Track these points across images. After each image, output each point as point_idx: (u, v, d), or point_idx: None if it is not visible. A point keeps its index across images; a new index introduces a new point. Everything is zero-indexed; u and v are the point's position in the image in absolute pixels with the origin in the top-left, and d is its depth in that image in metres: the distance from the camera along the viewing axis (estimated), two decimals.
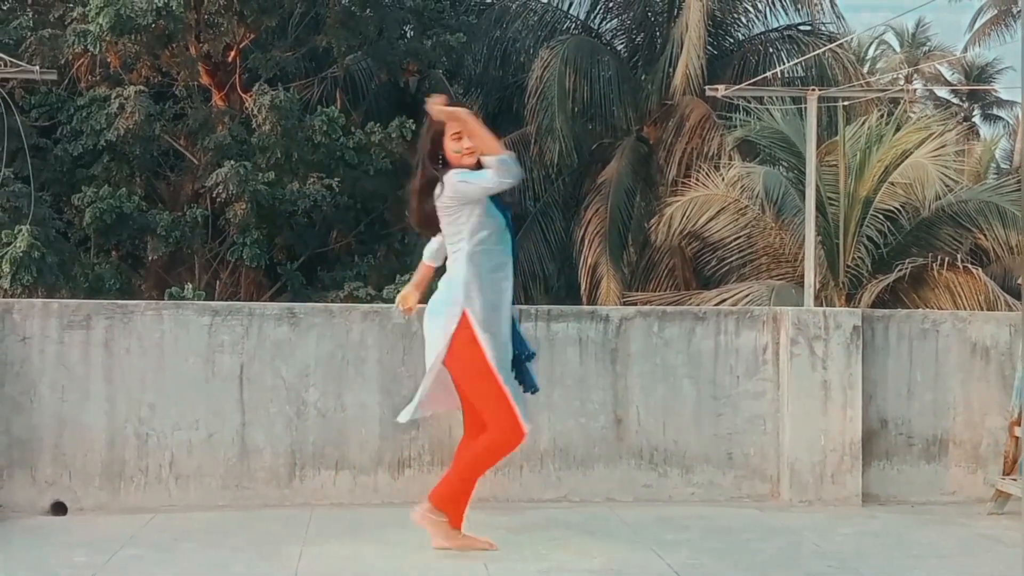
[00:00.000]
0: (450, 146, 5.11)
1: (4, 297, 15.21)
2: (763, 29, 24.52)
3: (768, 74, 21.20)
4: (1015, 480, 6.45)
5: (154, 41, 19.04)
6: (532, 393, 5.18)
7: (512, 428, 5.04)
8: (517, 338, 5.17)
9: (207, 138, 19.59)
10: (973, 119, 46.04)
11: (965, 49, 46.64)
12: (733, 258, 19.48)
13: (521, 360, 5.13)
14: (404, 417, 5.28)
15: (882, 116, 19.74)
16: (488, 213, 5.09)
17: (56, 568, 4.99)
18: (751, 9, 24.75)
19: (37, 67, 17.43)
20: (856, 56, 32.76)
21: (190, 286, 18.08)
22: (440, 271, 5.36)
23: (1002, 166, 38.69)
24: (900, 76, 40.22)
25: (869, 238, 18.18)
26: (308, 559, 5.14)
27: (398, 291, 20.32)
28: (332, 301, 17.40)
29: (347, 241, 21.73)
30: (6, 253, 16.68)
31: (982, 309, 16.43)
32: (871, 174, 18.28)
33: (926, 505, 6.65)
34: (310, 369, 6.29)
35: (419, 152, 5.22)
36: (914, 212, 18.60)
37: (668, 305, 17.32)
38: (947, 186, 18.27)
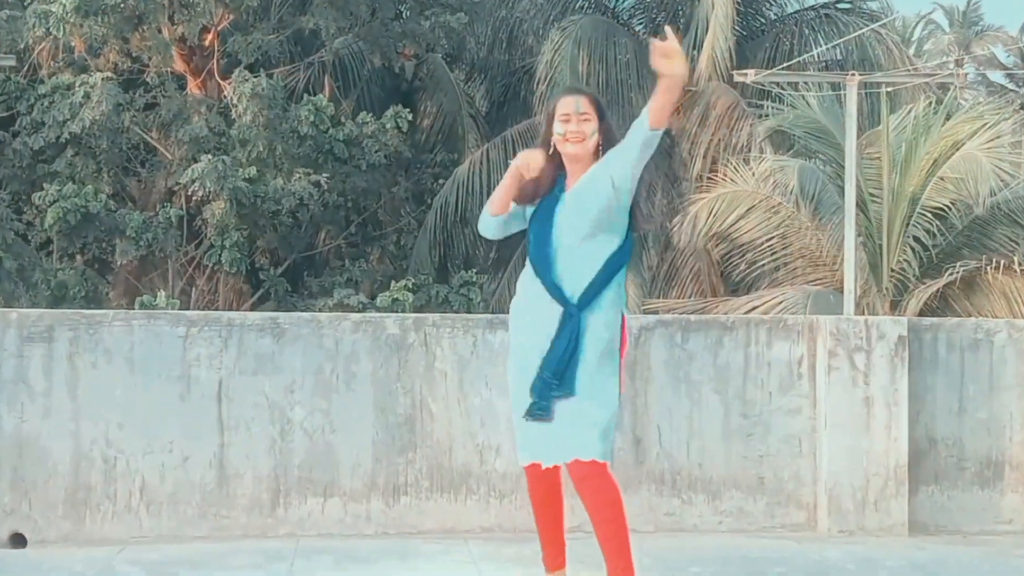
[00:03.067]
0: (556, 129, 4.94)
1: None
2: (798, 8, 24.55)
3: (803, 57, 21.23)
4: None
5: (123, 23, 19.12)
6: (531, 418, 4.86)
7: None
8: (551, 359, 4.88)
9: (182, 130, 19.66)
10: None
11: (1022, 30, 46.63)
12: (765, 261, 19.48)
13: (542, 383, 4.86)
14: None
15: (930, 104, 19.73)
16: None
17: None
18: None
19: None
20: (901, 37, 32.80)
21: (163, 294, 18.13)
22: None
23: None
24: (950, 59, 40.20)
25: (916, 239, 18.17)
26: None
27: (393, 298, 20.34)
28: (320, 310, 17.44)
29: (337, 243, 21.79)
30: None
31: None
32: (918, 168, 18.28)
33: (980, 535, 6.64)
34: (296, 385, 6.30)
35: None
36: (966, 210, 18.59)
37: (692, 314, 17.32)
38: (1003, 181, 18.26)
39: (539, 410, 4.83)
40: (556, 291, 4.85)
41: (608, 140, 4.96)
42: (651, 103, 4.78)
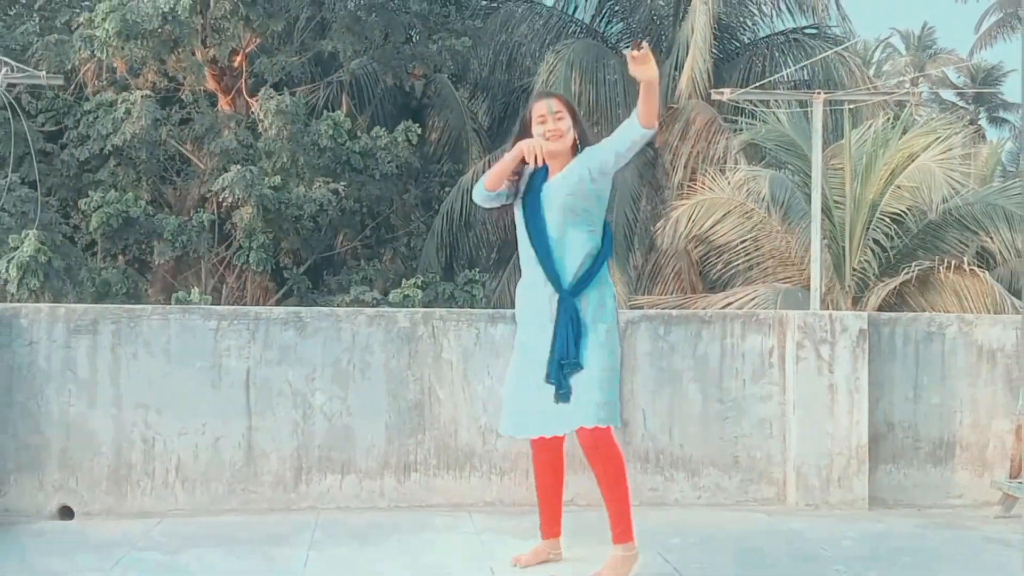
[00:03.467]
0: (535, 131, 4.95)
1: (11, 302, 15.24)
2: (769, 32, 24.52)
3: (774, 77, 21.23)
4: (1022, 483, 6.44)
5: (160, 46, 19.09)
6: (560, 401, 4.81)
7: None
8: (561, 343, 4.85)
9: (213, 143, 19.64)
10: (979, 122, 45.99)
11: (971, 52, 46.62)
12: (739, 261, 19.47)
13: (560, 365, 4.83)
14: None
15: (888, 119, 19.72)
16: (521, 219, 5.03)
17: (63, 572, 5.00)
18: (757, 12, 24.77)
19: (43, 72, 17.49)
20: (862, 59, 32.76)
21: (196, 290, 18.11)
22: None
23: (1008, 169, 38.64)
24: (906, 79, 40.18)
25: (875, 241, 18.16)
26: (314, 563, 5.14)
27: (404, 295, 20.30)
28: (338, 305, 17.44)
29: (353, 245, 21.77)
30: (13, 258, 16.72)
31: (988, 312, 16.40)
32: (877, 177, 18.26)
33: (933, 508, 6.64)
34: (316, 373, 6.30)
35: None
36: (920, 215, 18.58)
37: (674, 308, 17.30)
38: (954, 189, 18.24)
39: (563, 394, 4.81)
40: (555, 278, 4.86)
41: (583, 137, 5.01)
42: (639, 107, 4.78)
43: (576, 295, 4.84)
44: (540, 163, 4.85)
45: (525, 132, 5.00)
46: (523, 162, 4.94)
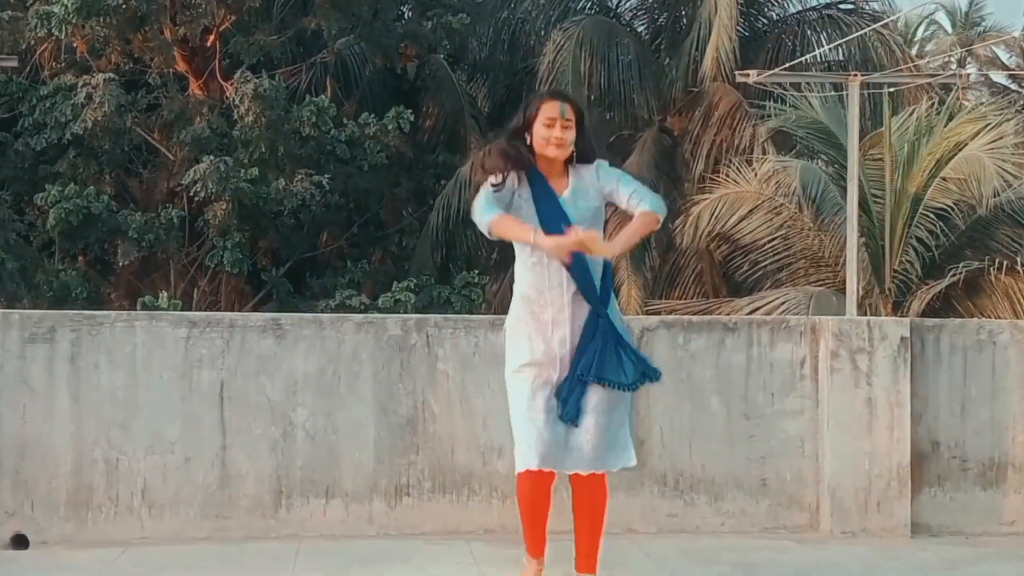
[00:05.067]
0: (539, 131, 5.04)
1: None
2: (800, 8, 24.54)
3: (806, 58, 21.23)
4: None
5: (125, 24, 19.12)
6: (566, 421, 4.95)
7: (517, 462, 5.05)
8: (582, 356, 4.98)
9: (184, 131, 19.66)
10: None
11: None
12: (767, 262, 19.49)
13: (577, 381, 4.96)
14: None
15: (932, 104, 19.74)
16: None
17: None
18: None
19: None
20: (903, 38, 32.79)
21: (165, 295, 18.13)
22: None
23: None
24: (952, 60, 40.19)
25: (919, 239, 18.17)
26: None
27: (395, 299, 20.34)
28: (322, 311, 17.44)
29: (339, 244, 21.79)
30: None
31: None
32: (920, 168, 18.27)
33: (982, 536, 6.63)
34: (298, 386, 6.30)
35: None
36: (969, 210, 18.59)
37: (695, 314, 17.32)
38: (1006, 181, 18.25)
39: (570, 414, 4.93)
40: (592, 292, 4.99)
41: (582, 151, 5.10)
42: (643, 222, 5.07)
43: (607, 307, 5.00)
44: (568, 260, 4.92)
45: (526, 128, 5.06)
46: (514, 167, 4.99)
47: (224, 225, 19.15)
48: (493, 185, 5.02)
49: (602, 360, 4.92)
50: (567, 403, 4.91)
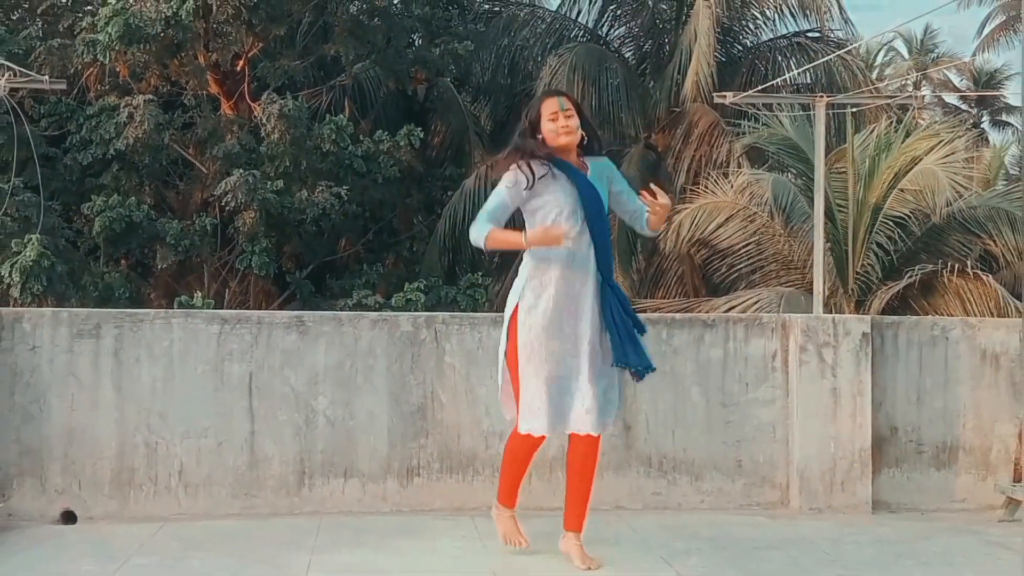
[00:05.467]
0: (547, 128, 5.08)
1: (14, 306, 15.24)
2: (772, 36, 24.51)
3: (777, 81, 21.22)
4: None
5: (163, 50, 19.10)
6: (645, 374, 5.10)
7: (515, 424, 5.08)
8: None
9: (216, 147, 19.64)
10: (982, 125, 45.98)
11: (974, 55, 46.60)
12: (742, 265, 19.45)
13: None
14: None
15: (891, 123, 19.71)
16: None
17: None
18: (759, 16, 24.76)
19: (46, 77, 17.45)
20: (865, 63, 32.72)
21: (199, 295, 18.09)
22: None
23: (1011, 172, 38.61)
24: (909, 83, 40.19)
25: (879, 245, 18.14)
26: (317, 568, 5.14)
27: (406, 299, 20.27)
28: (341, 309, 17.43)
29: (356, 249, 21.76)
30: (16, 263, 16.72)
31: (992, 316, 16.38)
32: (880, 181, 18.24)
33: (936, 512, 6.64)
34: (319, 377, 6.30)
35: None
36: (924, 219, 18.55)
37: (677, 312, 17.31)
38: (957, 192, 18.21)
39: (642, 370, 5.13)
40: (608, 269, 5.11)
41: (592, 135, 5.22)
42: (652, 220, 5.20)
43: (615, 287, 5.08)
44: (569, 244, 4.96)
45: (533, 130, 5.08)
46: (537, 161, 5.01)
47: (252, 232, 19.12)
48: (508, 187, 5.05)
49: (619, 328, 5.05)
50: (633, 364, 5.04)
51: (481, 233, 5.09)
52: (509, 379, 5.11)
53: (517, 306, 5.06)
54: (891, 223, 18.21)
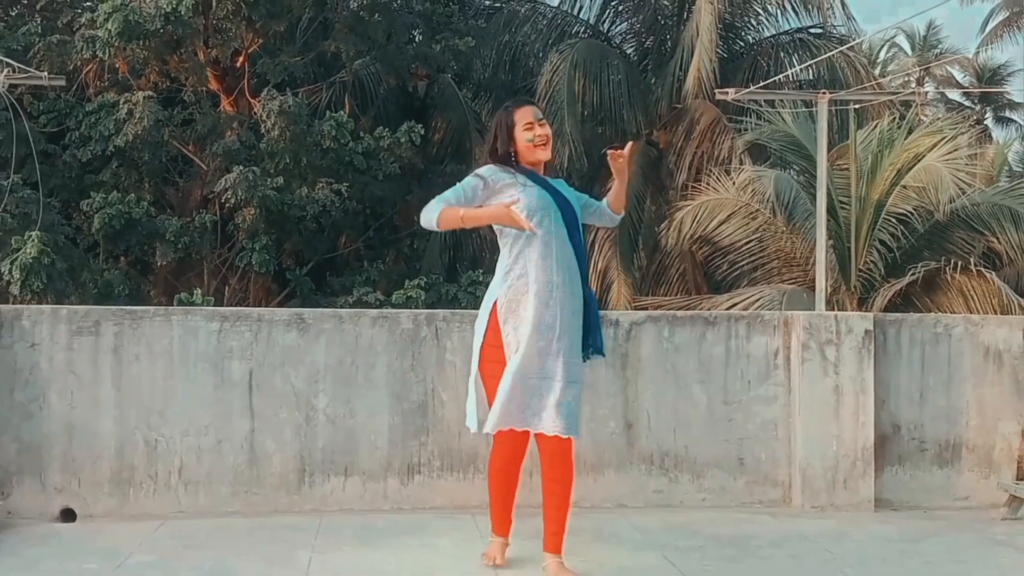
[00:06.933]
0: (523, 136, 4.95)
1: (13, 303, 15.24)
2: (774, 32, 24.52)
3: (779, 77, 21.21)
4: None
5: (162, 46, 19.10)
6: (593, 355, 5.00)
7: (490, 444, 5.03)
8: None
9: (216, 143, 19.64)
10: (985, 122, 45.95)
11: (977, 52, 46.57)
12: (744, 262, 19.46)
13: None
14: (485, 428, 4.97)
15: (894, 119, 19.70)
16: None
17: (66, 575, 5.01)
18: (762, 12, 24.76)
19: (45, 73, 17.48)
20: (867, 59, 32.73)
21: (199, 292, 18.10)
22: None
23: (1015, 169, 38.60)
24: (911, 79, 40.16)
25: (881, 242, 18.15)
26: (318, 565, 5.14)
27: (407, 296, 20.27)
28: (341, 306, 17.44)
29: (356, 246, 21.76)
30: (16, 259, 16.73)
31: (995, 313, 16.39)
32: (883, 177, 18.25)
33: (939, 511, 6.64)
34: (319, 375, 6.31)
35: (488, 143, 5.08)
36: (927, 216, 18.56)
37: (679, 310, 17.31)
38: (960, 189, 18.22)
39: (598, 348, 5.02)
40: (585, 280, 5.01)
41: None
42: (614, 197, 5.17)
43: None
44: (532, 229, 4.82)
45: (507, 137, 4.96)
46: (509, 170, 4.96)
47: (252, 229, 19.13)
48: (474, 176, 4.93)
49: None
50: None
51: (433, 213, 4.83)
52: (482, 380, 4.93)
53: (495, 303, 4.93)
54: (894, 220, 18.22)
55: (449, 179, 22.92)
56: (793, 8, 24.43)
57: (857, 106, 19.16)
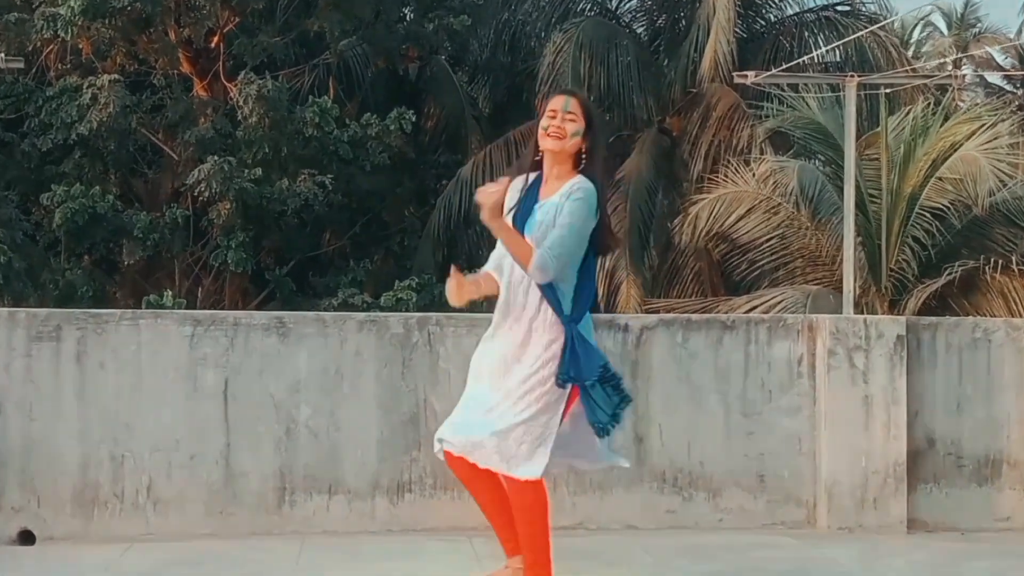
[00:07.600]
0: (541, 124, 4.88)
1: None
2: (798, 10, 24.54)
3: (803, 59, 21.23)
4: None
5: (130, 25, 19.14)
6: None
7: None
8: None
9: (188, 132, 19.66)
10: None
11: (1019, 31, 46.58)
12: (765, 261, 19.48)
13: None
14: None
15: (928, 105, 19.73)
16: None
17: None
18: None
19: (2, 54, 17.50)
20: (899, 39, 32.78)
21: (169, 293, 18.13)
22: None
23: None
24: (948, 61, 40.15)
25: (915, 239, 18.16)
26: None
27: (397, 298, 20.31)
28: (325, 309, 17.44)
29: (341, 244, 21.79)
30: None
31: None
32: (917, 168, 18.26)
33: (977, 532, 6.63)
34: (301, 384, 6.30)
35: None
36: (965, 210, 18.57)
37: (693, 313, 17.31)
38: (1001, 181, 18.24)
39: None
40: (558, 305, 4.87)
41: (591, 151, 4.93)
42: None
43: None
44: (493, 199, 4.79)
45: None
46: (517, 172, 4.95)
47: (228, 225, 19.15)
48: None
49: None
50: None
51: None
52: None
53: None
54: (928, 215, 18.23)
55: (443, 170, 23.02)
56: None
57: (888, 90, 19.19)
